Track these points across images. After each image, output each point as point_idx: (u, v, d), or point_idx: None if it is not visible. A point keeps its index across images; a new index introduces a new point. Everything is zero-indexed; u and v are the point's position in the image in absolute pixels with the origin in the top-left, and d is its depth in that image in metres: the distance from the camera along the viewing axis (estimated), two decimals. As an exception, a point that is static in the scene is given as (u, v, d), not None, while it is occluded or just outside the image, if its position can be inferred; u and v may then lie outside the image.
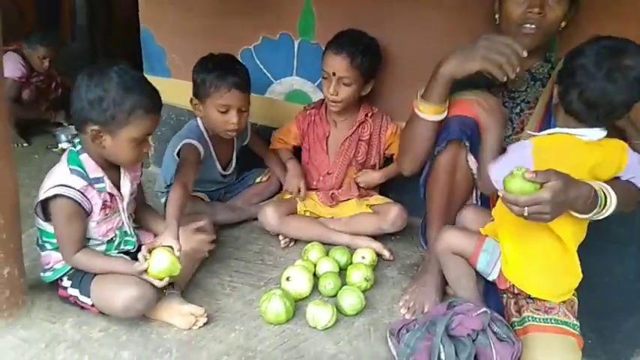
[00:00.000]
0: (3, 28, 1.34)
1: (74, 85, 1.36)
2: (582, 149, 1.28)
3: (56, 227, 1.39)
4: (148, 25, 2.30)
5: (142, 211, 1.63)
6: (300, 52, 2.09)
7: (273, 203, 1.95)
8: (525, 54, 1.33)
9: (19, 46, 2.84)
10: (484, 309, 1.30)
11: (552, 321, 1.34)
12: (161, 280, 1.37)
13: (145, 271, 1.36)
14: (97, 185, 1.40)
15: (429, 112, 1.47)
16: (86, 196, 1.38)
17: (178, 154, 1.84)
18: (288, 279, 1.60)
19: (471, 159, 1.53)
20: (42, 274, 1.51)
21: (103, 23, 4.68)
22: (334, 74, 1.82)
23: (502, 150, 1.45)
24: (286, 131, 2.07)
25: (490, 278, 1.46)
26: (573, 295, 1.43)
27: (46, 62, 2.85)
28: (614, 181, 1.28)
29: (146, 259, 1.36)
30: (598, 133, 1.28)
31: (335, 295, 1.59)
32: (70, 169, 1.38)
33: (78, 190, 1.36)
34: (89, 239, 1.46)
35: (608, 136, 1.30)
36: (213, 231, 1.75)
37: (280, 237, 1.91)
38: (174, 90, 2.33)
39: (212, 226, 1.74)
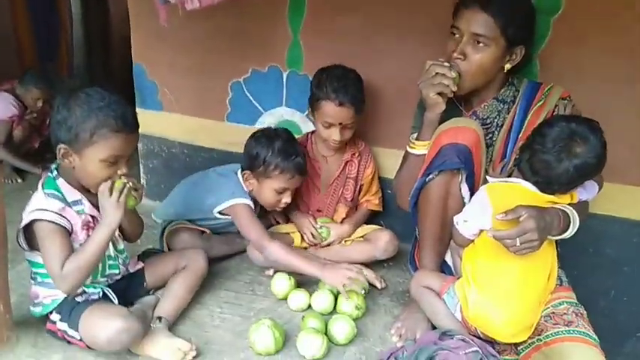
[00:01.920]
0: (1, 66, 1.36)
1: None
2: (533, 196, 1.36)
3: (41, 250, 1.37)
4: (140, 61, 2.35)
5: None
6: (288, 83, 2.13)
7: None
8: (452, 72, 1.47)
9: (13, 86, 2.86)
10: (475, 348, 1.27)
11: (575, 332, 1.36)
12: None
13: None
14: (75, 207, 1.40)
15: (424, 148, 1.58)
16: (64, 216, 1.37)
17: (221, 212, 1.85)
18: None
19: (464, 187, 1.53)
20: (31, 307, 1.49)
21: (101, 61, 4.78)
22: (340, 123, 1.83)
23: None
24: None
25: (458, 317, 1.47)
26: (581, 307, 1.49)
27: (39, 103, 2.86)
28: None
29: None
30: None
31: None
32: (45, 193, 1.38)
33: (54, 212, 1.35)
34: None
35: None
36: (207, 267, 1.71)
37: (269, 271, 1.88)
38: (166, 123, 2.37)
39: (207, 260, 1.72)
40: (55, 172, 1.43)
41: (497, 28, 1.44)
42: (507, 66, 1.53)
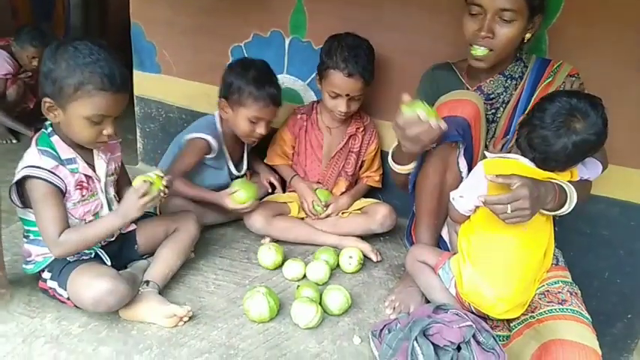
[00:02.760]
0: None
1: None
2: (531, 172, 1.33)
3: (34, 211, 1.35)
4: (138, 21, 2.29)
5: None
6: (291, 49, 2.08)
7: (259, 205, 1.89)
8: (444, 126, 1.31)
9: (8, 43, 2.80)
10: (469, 322, 1.26)
11: (568, 311, 1.36)
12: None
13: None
14: (69, 166, 1.38)
15: (405, 170, 1.58)
16: (57, 175, 1.34)
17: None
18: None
19: (462, 161, 1.52)
20: (24, 265, 1.48)
21: (97, 23, 4.66)
22: (347, 95, 1.80)
23: None
24: (281, 141, 2.01)
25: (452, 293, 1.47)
26: (575, 286, 1.48)
27: (35, 61, 2.80)
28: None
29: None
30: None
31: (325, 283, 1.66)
32: (39, 150, 1.35)
33: (48, 170, 1.33)
34: None
35: None
36: (199, 231, 1.70)
37: (265, 239, 1.88)
38: (164, 86, 2.33)
39: (197, 224, 1.70)
40: (50, 129, 1.40)
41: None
42: (528, 35, 1.49)
